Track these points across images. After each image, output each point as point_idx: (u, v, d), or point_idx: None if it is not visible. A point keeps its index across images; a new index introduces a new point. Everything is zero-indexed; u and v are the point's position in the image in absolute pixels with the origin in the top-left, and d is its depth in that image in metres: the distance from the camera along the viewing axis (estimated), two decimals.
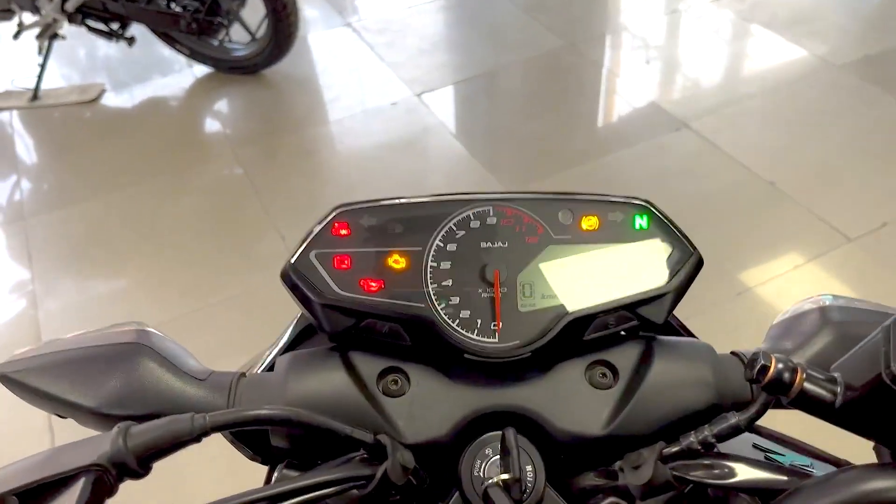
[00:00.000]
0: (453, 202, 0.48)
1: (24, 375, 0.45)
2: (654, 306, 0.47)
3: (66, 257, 2.37)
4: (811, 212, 2.21)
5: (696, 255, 0.48)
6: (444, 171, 2.59)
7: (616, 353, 0.48)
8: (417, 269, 0.46)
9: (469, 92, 2.96)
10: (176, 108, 3.06)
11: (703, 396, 0.46)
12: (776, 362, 0.39)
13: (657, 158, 2.52)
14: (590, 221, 0.48)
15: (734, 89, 2.82)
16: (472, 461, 0.46)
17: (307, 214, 2.41)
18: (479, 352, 0.46)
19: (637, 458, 0.43)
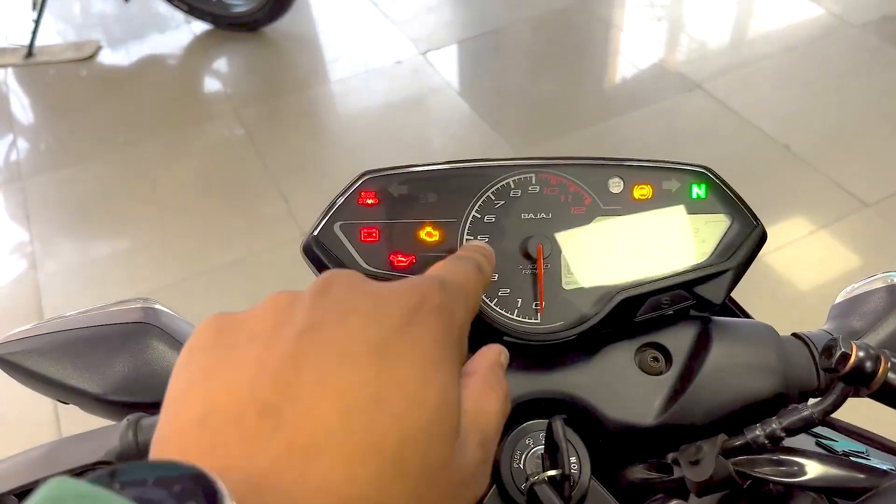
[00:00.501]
0: (492, 168, 0.43)
1: (21, 358, 0.41)
2: (712, 285, 0.43)
3: (66, 218, 2.33)
4: (827, 176, 2.16)
5: (760, 228, 0.43)
6: (450, 132, 2.53)
7: (668, 335, 0.44)
8: (452, 242, 0.42)
9: (475, 50, 2.87)
10: (174, 66, 2.98)
11: (767, 384, 0.42)
12: (857, 350, 0.35)
13: (669, 120, 2.46)
14: (642, 190, 0.43)
15: (749, 49, 2.74)
16: (511, 452, 0.42)
17: (310, 176, 2.36)
18: (520, 334, 0.42)
19: (696, 452, 0.39)
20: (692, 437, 0.41)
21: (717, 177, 0.43)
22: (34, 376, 0.41)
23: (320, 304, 0.26)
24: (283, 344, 0.24)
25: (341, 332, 0.25)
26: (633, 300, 0.42)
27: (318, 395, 0.23)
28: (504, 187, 0.43)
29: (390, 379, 0.24)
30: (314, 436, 0.22)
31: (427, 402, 0.24)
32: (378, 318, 0.25)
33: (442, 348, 0.26)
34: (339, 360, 0.24)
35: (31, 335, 0.42)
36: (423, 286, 0.28)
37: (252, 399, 0.23)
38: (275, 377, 0.23)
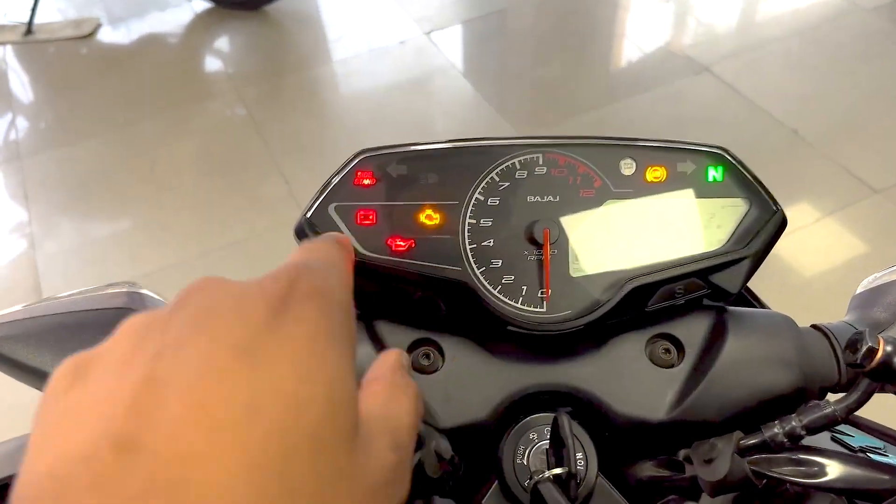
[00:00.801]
0: (497, 147, 0.41)
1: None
2: (729, 273, 0.40)
3: (65, 198, 2.30)
4: (835, 161, 2.13)
5: (780, 213, 0.41)
6: (454, 114, 2.50)
7: (680, 325, 0.41)
8: (454, 226, 0.40)
9: (480, 31, 2.83)
10: (175, 44, 2.94)
11: (786, 379, 0.39)
12: (885, 344, 0.33)
13: (676, 104, 2.42)
14: (656, 173, 0.41)
15: (758, 32, 2.69)
16: (514, 447, 0.40)
17: (312, 156, 2.33)
18: (525, 323, 0.39)
19: (710, 450, 0.37)
20: (705, 433, 0.39)
21: (734, 158, 0.41)
22: (11, 363, 0.39)
23: (177, 319, 0.23)
24: (139, 369, 0.21)
25: (202, 342, 0.22)
26: (645, 288, 0.39)
27: (181, 416, 0.20)
28: (509, 168, 0.40)
29: (265, 383, 0.21)
30: (180, 463, 0.19)
31: (312, 402, 0.21)
32: (242, 318, 0.22)
33: (324, 336, 0.23)
34: (201, 373, 0.21)
35: (8, 321, 0.40)
36: (288, 272, 0.25)
37: (104, 435, 0.20)
38: (131, 406, 0.20)
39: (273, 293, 0.23)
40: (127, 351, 0.23)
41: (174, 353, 0.21)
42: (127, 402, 0.20)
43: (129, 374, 0.21)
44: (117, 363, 0.22)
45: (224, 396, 0.20)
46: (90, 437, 0.20)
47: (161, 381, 0.21)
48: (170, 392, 0.20)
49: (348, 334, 0.25)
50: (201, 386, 0.20)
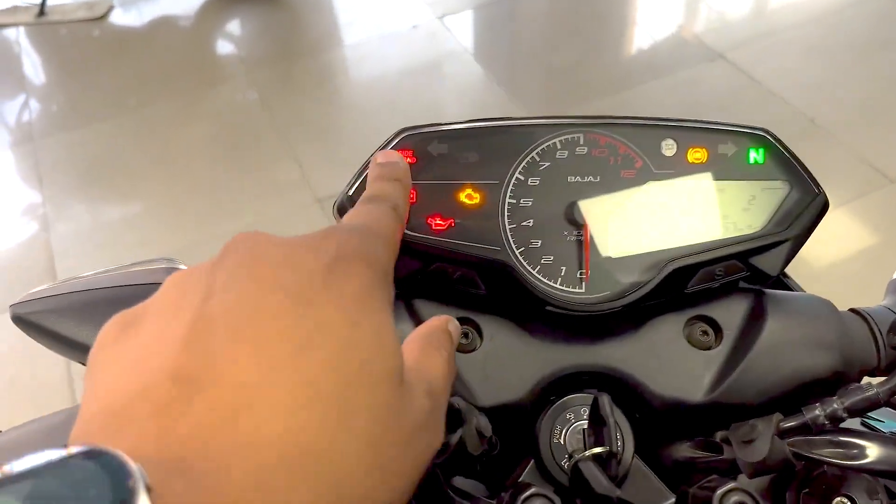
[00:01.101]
0: (538, 127, 0.41)
1: (40, 317, 0.39)
2: (769, 255, 0.40)
3: (78, 180, 2.31)
4: (852, 150, 2.11)
5: (822, 196, 0.41)
6: (467, 98, 2.49)
7: (719, 307, 0.41)
8: (494, 205, 0.40)
9: (493, 15, 2.82)
10: (187, 27, 2.94)
11: (825, 362, 0.39)
12: None
13: (690, 91, 2.40)
14: (697, 154, 0.40)
15: (774, 18, 2.67)
16: (550, 426, 0.40)
17: (324, 141, 2.33)
18: (563, 303, 0.39)
19: (750, 432, 0.37)
20: (744, 415, 0.39)
21: (776, 140, 0.41)
22: (53, 336, 0.39)
23: (223, 266, 0.24)
24: (190, 313, 0.22)
25: (252, 285, 0.22)
26: (685, 270, 0.39)
27: (235, 351, 0.21)
28: (550, 148, 0.40)
29: (316, 324, 0.22)
30: (238, 392, 0.20)
31: (361, 344, 0.22)
32: (292, 263, 0.23)
33: (368, 292, 0.24)
34: (252, 311, 0.22)
35: (50, 294, 0.40)
36: (337, 234, 0.26)
37: (161, 370, 0.21)
38: (185, 344, 0.21)
39: (325, 251, 0.24)
40: (175, 299, 0.23)
41: (223, 295, 0.22)
42: (181, 339, 0.21)
43: (180, 317, 0.22)
44: (167, 310, 0.23)
45: (276, 332, 0.21)
46: (147, 372, 0.21)
47: (213, 320, 0.21)
48: (221, 330, 0.21)
49: (388, 294, 0.26)
50: (252, 324, 0.21)
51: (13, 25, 2.92)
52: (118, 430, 0.20)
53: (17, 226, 2.17)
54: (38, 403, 1.69)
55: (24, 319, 0.39)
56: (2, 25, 2.92)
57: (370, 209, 0.32)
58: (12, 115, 2.59)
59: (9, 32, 2.91)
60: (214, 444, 0.19)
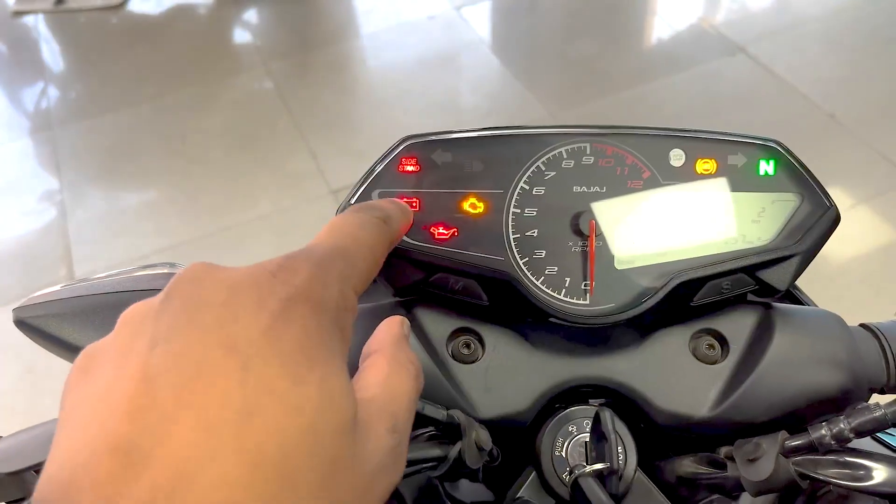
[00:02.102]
0: (543, 136, 0.40)
1: (43, 322, 0.39)
2: (778, 269, 0.39)
3: (95, 168, 2.32)
4: (872, 147, 2.08)
5: (833, 210, 0.40)
6: (483, 90, 2.47)
7: (726, 321, 0.41)
8: (498, 215, 0.39)
9: (510, 7, 2.79)
10: (204, 16, 2.94)
11: (834, 379, 0.39)
12: None
13: (710, 85, 2.38)
14: (706, 165, 0.40)
15: (795, 12, 2.63)
16: (552, 439, 0.40)
17: (340, 132, 2.33)
18: (567, 315, 0.39)
19: (754, 450, 0.36)
20: (749, 432, 0.38)
21: (788, 152, 0.40)
22: (56, 341, 0.39)
23: (169, 308, 0.23)
24: (134, 365, 0.21)
25: (194, 337, 0.22)
26: (692, 283, 0.39)
27: (178, 418, 0.20)
28: (555, 157, 0.40)
29: (258, 386, 0.21)
30: (178, 467, 0.19)
31: (306, 401, 0.21)
32: (234, 311, 0.22)
33: (315, 341, 0.23)
34: (194, 369, 0.21)
35: (54, 299, 0.40)
36: (288, 267, 0.25)
37: (103, 437, 0.20)
38: (128, 406, 0.20)
39: (267, 291, 0.23)
40: (125, 342, 0.23)
41: (166, 347, 0.21)
42: (123, 404, 0.20)
43: (126, 369, 0.21)
44: (116, 356, 0.22)
45: (217, 398, 0.20)
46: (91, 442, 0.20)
47: (155, 380, 0.21)
48: (164, 393, 0.20)
49: (339, 333, 0.25)
50: (194, 386, 0.20)
51: (32, 13, 2.94)
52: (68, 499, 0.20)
53: (36, 212, 2.19)
54: (55, 392, 1.71)
55: (27, 323, 0.40)
56: (21, 13, 2.94)
57: (357, 219, 0.31)
58: (31, 102, 2.61)
59: (28, 20, 2.93)
60: None
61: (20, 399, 1.71)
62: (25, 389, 1.72)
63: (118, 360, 0.22)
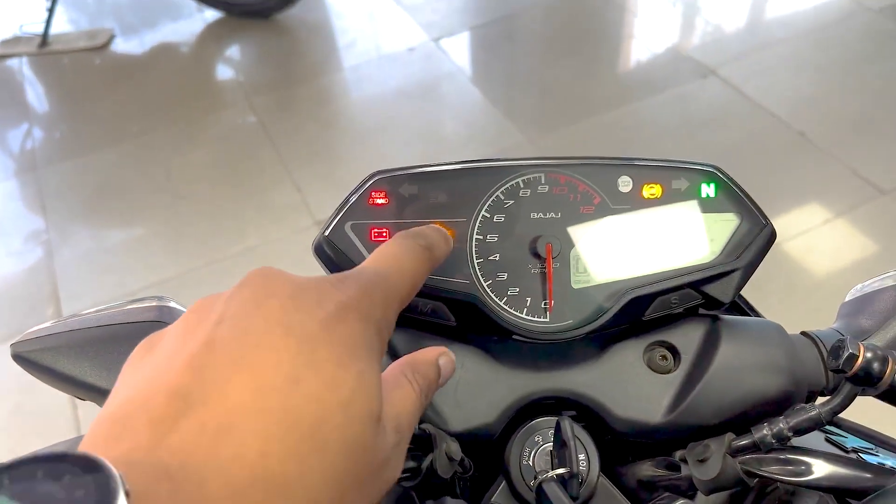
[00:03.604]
0: (501, 168, 0.43)
1: (39, 355, 0.42)
2: (721, 284, 0.43)
3: (81, 207, 2.35)
4: (842, 163, 2.14)
5: (769, 228, 0.43)
6: (463, 119, 2.52)
7: (677, 333, 0.44)
8: (462, 242, 0.43)
9: (488, 37, 2.86)
10: (187, 54, 2.99)
11: (775, 383, 0.42)
12: (865, 351, 0.35)
13: (684, 106, 2.44)
14: (652, 189, 0.43)
15: (764, 34, 2.71)
16: (520, 449, 0.43)
17: (323, 164, 2.37)
18: (529, 332, 0.42)
19: (703, 451, 0.39)
20: (700, 435, 0.41)
21: (726, 176, 0.43)
22: (52, 374, 0.42)
23: (239, 295, 0.26)
24: (201, 335, 0.25)
25: (259, 317, 0.25)
26: (642, 299, 0.42)
27: (232, 375, 0.23)
28: (513, 187, 0.43)
29: (307, 361, 0.24)
30: (226, 413, 0.22)
31: (344, 385, 0.24)
32: (297, 304, 0.26)
33: (358, 341, 0.26)
34: (255, 341, 0.24)
35: (49, 333, 0.43)
36: (345, 282, 0.28)
37: (163, 384, 0.23)
38: (189, 363, 0.24)
39: (327, 296, 0.27)
40: (193, 321, 0.26)
41: (232, 323, 0.25)
42: (185, 360, 0.24)
43: (192, 339, 0.25)
44: (184, 331, 0.26)
45: (272, 364, 0.24)
46: (150, 387, 0.23)
47: (217, 344, 0.24)
48: (223, 355, 0.24)
49: (379, 341, 0.28)
50: (252, 352, 0.24)
51: (16, 56, 2.98)
52: (117, 436, 0.22)
53: (22, 253, 2.21)
54: (41, 433, 1.72)
55: (24, 358, 0.42)
56: (4, 56, 2.98)
57: (401, 246, 0.34)
58: (16, 143, 2.63)
59: (12, 63, 2.97)
60: (196, 459, 0.21)
61: (3, 439, 1.71)
62: (11, 430, 1.72)
63: (184, 335, 0.26)
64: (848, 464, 0.38)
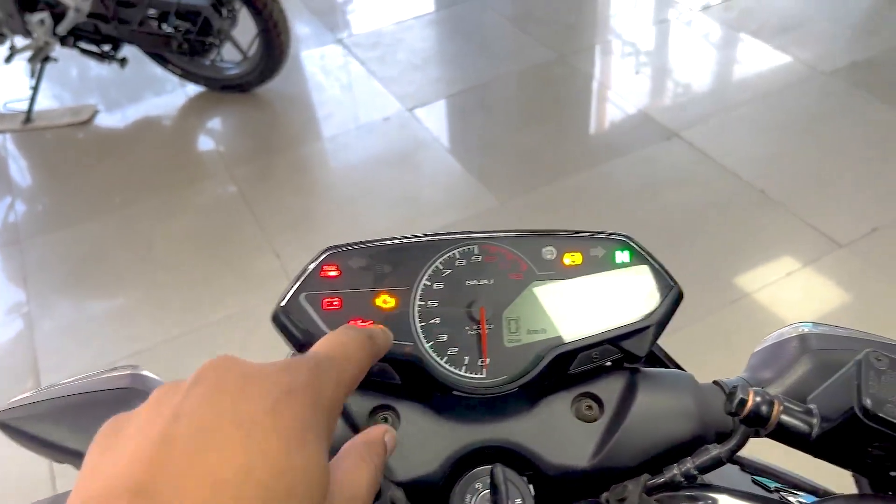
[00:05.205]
0: (439, 242, 0.49)
1: (22, 423, 0.46)
2: (636, 340, 0.48)
3: (63, 279, 2.38)
4: (801, 219, 2.23)
5: (676, 288, 0.49)
6: (439, 185, 2.61)
7: (601, 385, 0.49)
8: (405, 308, 0.48)
9: (461, 106, 2.98)
10: (169, 127, 3.08)
11: (685, 428, 0.47)
12: (754, 395, 0.40)
13: (649, 168, 2.54)
14: (573, 257, 0.49)
15: (724, 98, 2.84)
16: (462, 496, 0.47)
17: (302, 231, 2.43)
18: (468, 388, 0.47)
19: (622, 491, 0.44)
20: (622, 477, 0.46)
21: (637, 244, 0.49)
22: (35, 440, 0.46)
23: (194, 391, 0.29)
24: (158, 429, 0.27)
25: (211, 413, 0.27)
26: (566, 355, 0.47)
27: (189, 472, 0.25)
28: (450, 258, 0.49)
29: (257, 451, 0.26)
30: None
31: (292, 470, 0.27)
32: (246, 397, 0.28)
33: (307, 424, 0.29)
34: (208, 437, 0.26)
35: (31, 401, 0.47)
36: (294, 367, 0.31)
37: (126, 480, 0.25)
38: (148, 459, 0.26)
39: (276, 383, 0.30)
40: (152, 413, 0.29)
41: (188, 419, 0.27)
42: (146, 457, 0.26)
43: (150, 432, 0.27)
44: (143, 423, 0.28)
45: (225, 458, 0.26)
46: (112, 482, 0.26)
47: (174, 440, 0.26)
48: (180, 450, 0.26)
49: (327, 422, 0.31)
50: (206, 448, 0.26)
51: (0, 132, 3.05)
52: None
53: (2, 325, 2.23)
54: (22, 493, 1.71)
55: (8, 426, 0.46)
56: None
57: (347, 335, 0.37)
58: None
59: None
60: None
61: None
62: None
63: (144, 426, 0.28)
64: (749, 497, 0.43)
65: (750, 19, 3.26)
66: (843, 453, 0.40)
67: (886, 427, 0.37)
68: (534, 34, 3.34)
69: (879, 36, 3.06)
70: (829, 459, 0.41)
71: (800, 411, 0.41)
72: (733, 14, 3.31)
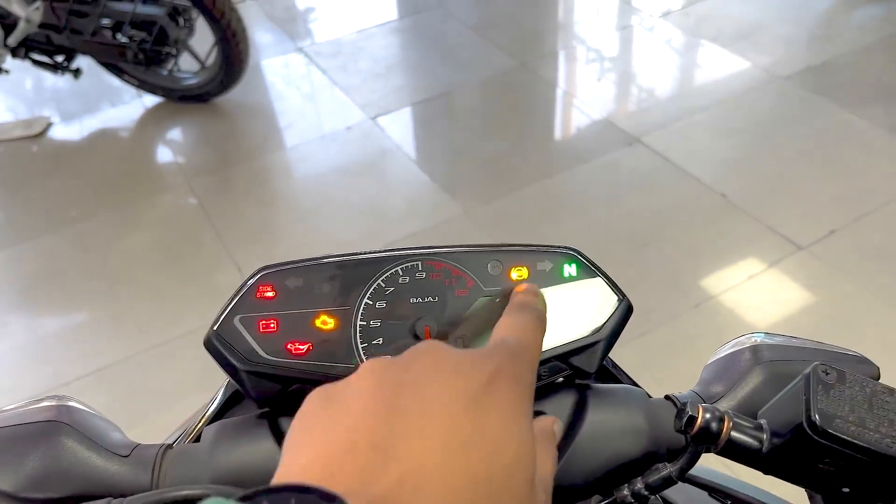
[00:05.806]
0: (382, 259, 0.47)
1: None
2: (585, 355, 0.47)
3: (16, 296, 2.31)
4: (762, 222, 2.25)
5: (626, 302, 0.48)
6: (402, 194, 2.59)
7: (551, 402, 0.47)
8: (346, 328, 0.46)
9: (424, 114, 2.96)
10: (126, 139, 3.01)
11: (637, 445, 0.45)
12: (703, 412, 0.39)
13: (611, 174, 2.55)
14: (519, 272, 0.47)
15: (684, 103, 2.87)
16: None
17: (264, 243, 2.39)
18: None
19: None
20: (574, 497, 0.44)
21: (584, 257, 0.48)
22: None
23: (412, 366, 0.31)
24: (388, 395, 0.29)
25: (437, 386, 0.29)
26: None
27: (423, 436, 0.27)
28: (393, 275, 0.47)
29: (479, 427, 0.28)
30: (421, 470, 0.26)
31: (509, 447, 0.28)
32: (462, 376, 0.30)
33: (517, 407, 0.30)
34: (439, 408, 0.28)
35: None
36: (494, 353, 0.32)
37: (364, 435, 0.27)
38: (383, 419, 0.28)
39: (488, 369, 0.31)
40: (374, 382, 0.30)
41: (414, 389, 0.29)
42: (380, 416, 0.28)
43: (380, 397, 0.29)
44: (365, 391, 0.30)
45: (454, 429, 0.27)
46: (352, 435, 0.27)
47: (407, 406, 0.28)
48: (413, 416, 0.28)
49: (529, 405, 0.32)
50: (438, 418, 0.28)
51: None
52: (331, 476, 0.26)
53: None
54: None
55: None
56: None
57: (522, 319, 0.39)
58: None
59: None
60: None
61: None
62: None
63: (370, 392, 0.30)
64: None
65: (708, 25, 3.30)
66: (794, 469, 0.39)
67: (836, 443, 0.36)
68: (497, 42, 3.34)
69: (833, 41, 3.12)
70: (781, 476, 0.40)
71: (750, 427, 0.39)
72: (692, 20, 3.35)
